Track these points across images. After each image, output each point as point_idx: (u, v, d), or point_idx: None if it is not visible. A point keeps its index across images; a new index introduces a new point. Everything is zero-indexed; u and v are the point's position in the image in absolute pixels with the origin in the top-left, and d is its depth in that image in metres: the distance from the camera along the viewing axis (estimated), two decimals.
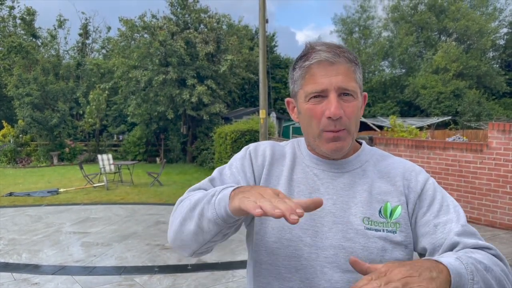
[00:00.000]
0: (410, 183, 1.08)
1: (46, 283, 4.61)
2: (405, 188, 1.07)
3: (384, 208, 1.05)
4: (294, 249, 1.05)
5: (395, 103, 27.77)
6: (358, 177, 1.10)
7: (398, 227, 1.03)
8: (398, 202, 1.05)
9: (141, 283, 4.59)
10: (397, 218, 1.04)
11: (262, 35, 12.74)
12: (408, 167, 1.11)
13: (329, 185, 1.09)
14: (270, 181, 1.13)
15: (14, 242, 6.32)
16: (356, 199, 1.06)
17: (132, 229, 7.07)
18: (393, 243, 1.02)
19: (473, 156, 7.12)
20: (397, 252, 1.02)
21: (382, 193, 1.07)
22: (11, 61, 21.70)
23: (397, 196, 1.06)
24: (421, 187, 1.07)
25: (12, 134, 19.96)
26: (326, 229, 1.05)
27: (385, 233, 1.02)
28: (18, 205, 9.36)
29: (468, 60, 27.33)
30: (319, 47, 1.05)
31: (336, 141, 1.05)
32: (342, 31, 32.76)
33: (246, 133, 13.69)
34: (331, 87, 1.02)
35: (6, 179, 14.02)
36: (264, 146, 1.19)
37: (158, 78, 17.10)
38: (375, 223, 1.03)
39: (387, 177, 1.09)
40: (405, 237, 1.03)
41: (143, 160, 20.02)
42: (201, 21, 18.81)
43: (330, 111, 1.01)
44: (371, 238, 1.02)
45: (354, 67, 1.05)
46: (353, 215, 1.05)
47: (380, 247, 1.01)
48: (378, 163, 1.13)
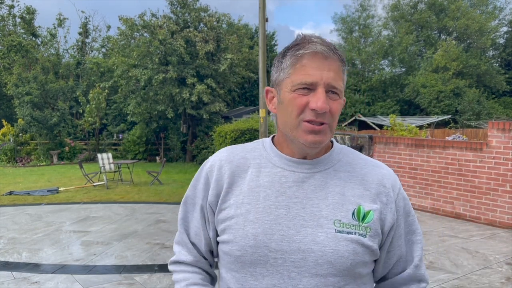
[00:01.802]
0: (390, 192, 1.07)
1: (46, 282, 4.62)
2: (381, 196, 1.06)
3: (357, 210, 1.02)
4: (259, 256, 1.02)
5: (395, 102, 27.77)
6: (330, 177, 1.06)
7: (368, 232, 1.01)
8: (371, 207, 1.03)
9: (141, 282, 4.60)
10: (368, 223, 1.02)
11: (262, 34, 12.73)
12: (385, 174, 1.10)
13: (298, 188, 1.05)
14: (233, 193, 1.09)
15: (14, 241, 6.32)
16: (328, 201, 1.03)
17: (132, 228, 7.08)
18: (363, 247, 1.00)
19: (473, 155, 7.12)
20: (366, 256, 1.02)
21: (355, 196, 1.04)
22: (11, 60, 21.69)
23: (371, 201, 1.04)
24: (396, 196, 1.09)
25: (12, 133, 19.95)
26: (293, 232, 1.01)
27: (357, 236, 1.00)
28: (18, 204, 9.36)
29: (468, 59, 27.33)
30: (315, 39, 1.03)
31: (316, 134, 1.01)
32: (342, 30, 32.77)
33: (246, 132, 13.69)
34: (321, 81, 0.99)
35: (6, 178, 14.03)
36: (220, 162, 1.14)
37: (158, 77, 17.10)
38: (347, 225, 1.01)
39: (362, 180, 1.07)
40: (373, 242, 1.02)
41: (143, 159, 20.03)
42: (201, 20, 18.80)
43: (316, 104, 0.98)
44: (341, 241, 0.99)
45: (343, 68, 1.04)
46: (323, 217, 1.01)
47: (351, 250, 0.99)
48: (351, 164, 1.10)
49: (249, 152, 1.15)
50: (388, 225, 1.05)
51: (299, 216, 1.02)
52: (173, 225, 7.25)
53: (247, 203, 1.06)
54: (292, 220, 1.02)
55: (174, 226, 7.14)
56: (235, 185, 1.10)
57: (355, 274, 1.01)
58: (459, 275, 4.65)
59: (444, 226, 6.87)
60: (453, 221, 7.18)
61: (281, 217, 1.03)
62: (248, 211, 1.05)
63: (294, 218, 1.02)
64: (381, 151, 8.69)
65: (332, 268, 0.99)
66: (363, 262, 1.01)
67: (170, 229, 6.96)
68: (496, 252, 5.38)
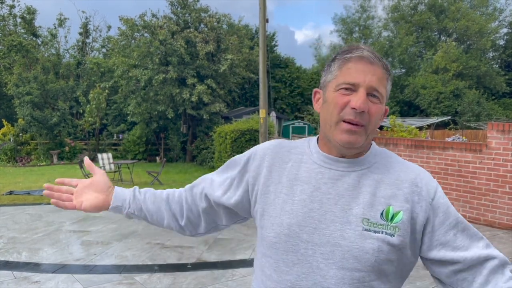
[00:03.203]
0: (422, 191, 1.09)
1: (46, 281, 4.63)
2: (413, 196, 1.09)
3: (387, 211, 1.07)
4: (292, 245, 1.09)
5: (394, 103, 27.78)
6: (364, 177, 1.11)
7: (397, 231, 1.05)
8: (401, 208, 1.07)
9: (141, 282, 4.61)
10: (397, 223, 1.06)
11: (262, 34, 12.75)
12: (418, 174, 1.13)
13: (333, 184, 1.11)
14: (272, 180, 1.19)
15: (14, 241, 6.33)
16: (359, 200, 1.08)
17: (132, 228, 7.09)
18: (389, 245, 1.05)
19: (473, 156, 7.14)
20: (391, 254, 1.06)
21: (386, 196, 1.08)
22: (11, 60, 21.70)
23: (402, 201, 1.08)
24: (433, 195, 1.10)
25: (12, 133, 19.96)
26: (324, 226, 1.08)
27: (383, 235, 1.05)
28: (18, 203, 9.37)
29: (468, 60, 27.34)
30: (362, 46, 1.11)
31: (351, 134, 1.07)
32: (342, 31, 32.80)
33: (246, 133, 13.71)
34: (364, 83, 1.06)
35: (6, 177, 14.03)
36: (265, 151, 1.25)
37: (158, 77, 17.11)
38: (375, 224, 1.06)
39: (395, 181, 1.11)
40: (401, 241, 1.06)
41: (143, 159, 20.04)
42: (201, 20, 18.82)
43: (356, 103, 1.04)
44: (367, 239, 1.05)
45: (388, 76, 1.12)
46: (353, 215, 1.07)
47: (376, 247, 1.04)
48: (387, 166, 1.14)
49: (294, 148, 1.23)
50: (421, 223, 1.08)
51: (331, 212, 1.09)
52: None
53: (285, 194, 1.15)
54: (324, 214, 1.09)
55: None
56: (275, 174, 1.19)
57: (380, 270, 1.05)
58: None
59: None
60: None
61: (314, 211, 1.10)
62: (285, 202, 1.14)
63: (326, 213, 1.09)
64: None
65: (358, 263, 1.04)
66: (388, 260, 1.05)
67: None
68: None
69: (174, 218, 1.35)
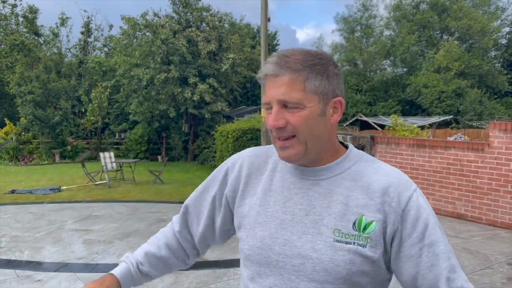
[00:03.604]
0: (392, 202, 1.03)
1: (49, 280, 4.64)
2: (384, 206, 1.03)
3: (359, 221, 1.02)
4: (264, 257, 1.09)
5: (396, 102, 27.73)
6: (335, 185, 1.07)
7: (368, 242, 1.01)
8: (374, 218, 1.02)
9: None
10: (369, 233, 1.01)
11: (264, 33, 12.74)
12: (392, 182, 1.05)
13: (304, 194, 1.09)
14: (248, 192, 1.18)
15: (17, 239, 6.35)
16: (331, 209, 1.05)
17: (134, 226, 7.10)
18: (362, 257, 1.01)
19: (475, 155, 7.13)
20: (365, 266, 1.02)
21: (359, 206, 1.03)
22: (13, 59, 21.74)
23: (374, 211, 1.02)
24: (403, 206, 1.03)
25: (14, 132, 20.01)
26: (295, 238, 1.06)
27: (355, 246, 1.01)
28: (20, 202, 9.40)
29: (470, 59, 27.27)
30: (269, 59, 1.06)
31: (284, 150, 1.06)
32: (344, 30, 32.69)
33: (248, 132, 13.70)
34: (273, 100, 1.04)
35: (8, 176, 14.07)
36: (242, 161, 1.23)
37: (160, 76, 17.12)
38: (346, 235, 1.02)
39: (367, 189, 1.05)
40: (374, 252, 1.01)
41: (144, 158, 20.06)
42: (203, 19, 18.81)
43: (269, 122, 1.04)
44: (339, 251, 1.02)
45: (304, 75, 1.02)
46: (324, 226, 1.04)
47: (348, 260, 1.01)
48: (362, 172, 1.08)
49: (270, 156, 1.21)
50: (389, 235, 1.02)
51: (302, 223, 1.06)
52: None
53: (259, 206, 1.14)
54: (295, 226, 1.07)
55: None
56: (251, 185, 1.19)
57: (352, 283, 1.03)
58: None
59: (445, 226, 6.88)
60: (454, 221, 7.19)
61: (286, 222, 1.08)
62: (258, 214, 1.13)
63: (298, 224, 1.06)
64: (383, 151, 8.69)
65: (328, 275, 1.02)
66: (361, 271, 1.02)
67: None
68: (498, 253, 5.39)
69: (183, 262, 1.41)
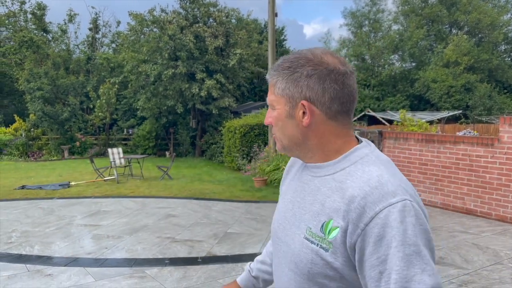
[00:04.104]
0: (354, 212, 0.97)
1: (59, 274, 4.69)
2: (349, 214, 0.98)
3: (326, 224, 1.01)
4: (274, 239, 1.23)
5: (405, 97, 27.58)
6: (323, 184, 1.07)
7: (331, 247, 0.99)
8: (338, 224, 0.99)
9: (152, 275, 4.65)
10: (332, 239, 0.99)
11: (271, 29, 12.71)
12: (362, 192, 0.97)
13: (302, 189, 1.14)
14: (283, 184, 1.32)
15: (27, 234, 6.42)
16: (312, 207, 1.07)
17: (142, 222, 7.15)
18: (322, 260, 1.00)
19: (484, 150, 7.07)
20: (327, 270, 1.00)
21: (331, 209, 1.01)
22: (22, 55, 21.91)
23: (340, 218, 0.99)
24: (367, 220, 0.94)
25: (23, 128, 20.18)
26: (288, 227, 1.13)
27: (318, 247, 1.01)
28: (30, 198, 9.49)
29: (479, 54, 27.03)
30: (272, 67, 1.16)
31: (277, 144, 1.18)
32: (351, 25, 32.55)
33: (255, 127, 13.70)
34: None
35: (18, 172, 14.21)
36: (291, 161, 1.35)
37: (168, 72, 17.15)
38: (314, 235, 1.03)
39: (344, 194, 1.01)
40: (335, 259, 0.99)
41: (152, 154, 20.14)
42: (210, 15, 18.79)
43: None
44: (304, 248, 1.04)
45: (275, 79, 1.09)
46: (303, 221, 1.08)
47: (309, 258, 1.02)
48: (351, 174, 1.03)
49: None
50: (350, 247, 0.97)
51: (295, 215, 1.13)
52: (183, 219, 7.31)
53: (283, 193, 1.26)
54: (292, 216, 1.14)
55: (185, 220, 7.20)
56: (286, 178, 1.30)
57: (318, 283, 1.03)
58: (470, 271, 4.64)
59: (454, 221, 6.84)
60: (463, 217, 7.15)
61: (288, 211, 1.17)
62: (280, 201, 1.26)
63: (293, 215, 1.13)
64: (391, 146, 8.65)
65: (297, 269, 1.07)
66: (323, 274, 1.01)
67: (180, 223, 7.02)
68: (507, 248, 5.35)
69: None
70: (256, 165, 11.86)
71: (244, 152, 13.68)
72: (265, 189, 10.10)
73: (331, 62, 1.05)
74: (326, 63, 1.05)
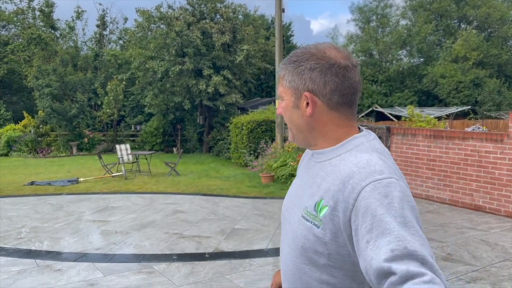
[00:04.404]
0: (345, 190, 1.04)
1: (68, 269, 4.74)
2: (338, 194, 1.05)
3: (318, 203, 1.10)
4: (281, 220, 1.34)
5: (412, 92, 27.39)
6: (322, 169, 1.17)
7: (321, 224, 1.08)
8: (327, 203, 1.07)
9: (160, 271, 4.68)
10: (322, 217, 1.08)
11: (278, 24, 12.67)
12: (352, 172, 1.05)
13: (306, 173, 1.26)
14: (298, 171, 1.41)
15: (37, 230, 6.48)
16: (310, 189, 1.17)
17: (150, 218, 7.18)
18: (314, 236, 1.09)
19: (493, 146, 7.01)
20: (318, 246, 1.09)
21: (324, 189, 1.11)
22: (31, 52, 22.04)
23: (330, 197, 1.07)
24: (356, 196, 1.01)
25: (32, 125, 20.34)
26: (291, 208, 1.25)
27: (311, 224, 1.11)
28: (39, 194, 9.57)
29: (488, 49, 26.76)
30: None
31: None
32: (359, 20, 32.33)
33: (262, 123, 13.69)
34: None
35: (27, 168, 14.34)
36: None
37: (175, 68, 17.18)
38: (309, 213, 1.13)
39: (337, 175, 1.09)
40: (324, 235, 1.07)
41: (160, 150, 20.22)
42: (217, 11, 18.77)
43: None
44: (300, 225, 1.15)
45: (283, 72, 1.20)
46: (302, 202, 1.18)
47: (304, 234, 1.12)
48: (344, 159, 1.12)
49: None
50: (343, 224, 1.03)
51: (298, 197, 1.24)
52: (191, 215, 7.33)
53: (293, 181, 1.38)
54: (296, 197, 1.25)
55: (192, 217, 7.22)
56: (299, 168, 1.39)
57: (309, 258, 1.12)
58: (478, 267, 4.61)
59: (463, 218, 6.80)
60: (472, 213, 7.10)
61: (293, 194, 1.29)
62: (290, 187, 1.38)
63: (297, 197, 1.25)
64: (399, 142, 8.61)
65: (293, 244, 1.17)
66: (313, 249, 1.10)
67: (188, 219, 7.05)
68: None
69: None
70: (263, 161, 11.86)
71: (251, 148, 13.68)
72: (272, 185, 10.11)
73: (333, 56, 1.13)
74: (328, 57, 1.13)
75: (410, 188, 1.12)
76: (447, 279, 4.23)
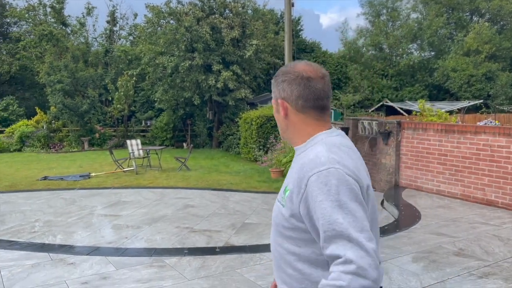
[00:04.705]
0: (300, 178, 1.30)
1: (81, 263, 4.80)
2: (297, 181, 1.31)
3: (286, 188, 1.39)
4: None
5: (423, 86, 27.12)
6: (297, 161, 1.41)
7: (285, 204, 1.36)
8: (290, 188, 1.35)
9: (171, 265, 4.72)
10: (286, 198, 1.35)
11: (287, 19, 12.63)
12: (304, 162, 1.32)
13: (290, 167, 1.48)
14: None
15: (50, 224, 6.58)
16: (286, 180, 1.43)
17: (161, 212, 7.25)
18: (281, 213, 1.38)
19: (506, 141, 6.93)
20: (284, 222, 1.35)
21: (290, 177, 1.39)
22: (42, 49, 22.23)
23: (291, 183, 1.35)
24: (306, 182, 1.27)
25: (45, 120, 20.56)
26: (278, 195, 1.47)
27: (280, 204, 1.40)
28: (52, 188, 9.70)
29: (501, 42, 26.39)
30: None
31: None
32: (369, 14, 32.03)
33: (272, 119, 13.67)
34: None
35: (40, 163, 14.52)
36: None
37: (184, 64, 17.22)
38: (281, 197, 1.40)
39: (298, 165, 1.36)
40: (286, 212, 1.34)
41: (170, 145, 20.32)
42: (226, 6, 18.75)
43: None
44: (276, 207, 1.43)
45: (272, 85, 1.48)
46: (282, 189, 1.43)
47: (277, 212, 1.41)
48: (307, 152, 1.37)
49: None
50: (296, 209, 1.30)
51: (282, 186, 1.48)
52: (201, 209, 7.38)
53: None
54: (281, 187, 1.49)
55: (203, 211, 7.27)
56: None
57: (279, 231, 1.39)
58: (490, 263, 4.58)
59: (474, 213, 6.75)
60: (484, 208, 7.04)
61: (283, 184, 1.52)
62: None
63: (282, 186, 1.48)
64: (410, 137, 8.56)
65: (273, 222, 1.44)
66: (281, 224, 1.37)
67: (198, 213, 7.09)
68: None
69: None
70: (272, 156, 11.87)
71: (260, 143, 13.69)
72: (281, 180, 10.09)
73: (300, 70, 1.39)
74: (295, 71, 1.40)
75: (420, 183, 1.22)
76: (458, 274, 4.21)
